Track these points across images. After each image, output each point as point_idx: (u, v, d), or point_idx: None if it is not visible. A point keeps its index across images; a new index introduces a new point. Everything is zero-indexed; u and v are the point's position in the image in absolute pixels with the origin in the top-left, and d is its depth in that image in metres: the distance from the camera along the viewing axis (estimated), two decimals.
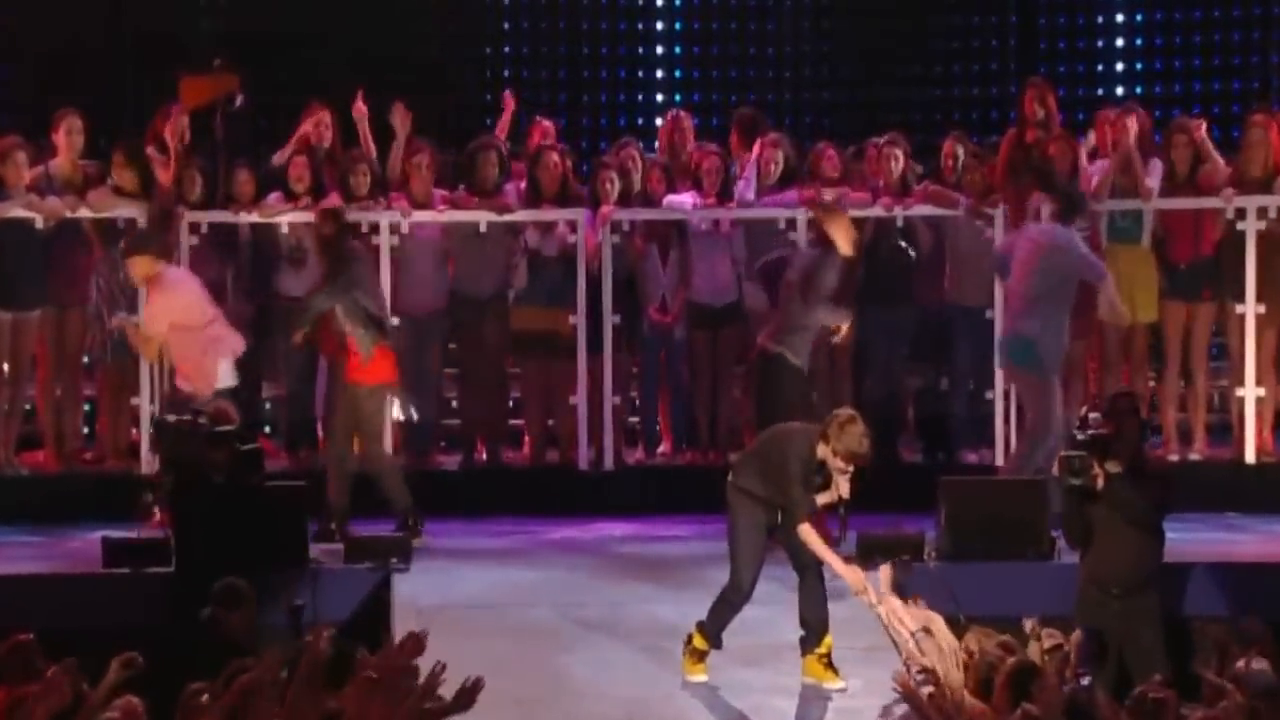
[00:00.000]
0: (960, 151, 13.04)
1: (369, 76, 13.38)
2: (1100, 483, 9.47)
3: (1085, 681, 8.29)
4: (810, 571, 9.72)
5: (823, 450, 9.49)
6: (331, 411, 12.05)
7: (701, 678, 9.74)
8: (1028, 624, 9.52)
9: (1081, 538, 9.72)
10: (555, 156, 13.04)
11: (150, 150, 12.71)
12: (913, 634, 8.97)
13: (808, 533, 9.55)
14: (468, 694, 7.31)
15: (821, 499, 9.61)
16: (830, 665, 9.73)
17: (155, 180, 12.57)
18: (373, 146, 13.03)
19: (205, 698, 7.42)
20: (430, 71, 15.52)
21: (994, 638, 8.88)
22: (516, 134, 13.53)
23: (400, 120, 12.90)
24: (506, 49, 16.34)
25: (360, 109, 12.94)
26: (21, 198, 12.42)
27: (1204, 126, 13.04)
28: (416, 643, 7.47)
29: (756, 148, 13.02)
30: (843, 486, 9.53)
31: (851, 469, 9.48)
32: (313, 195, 12.75)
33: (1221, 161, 12.77)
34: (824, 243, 11.63)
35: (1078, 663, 8.97)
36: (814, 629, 9.76)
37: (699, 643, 9.78)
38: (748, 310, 13.06)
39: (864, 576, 9.53)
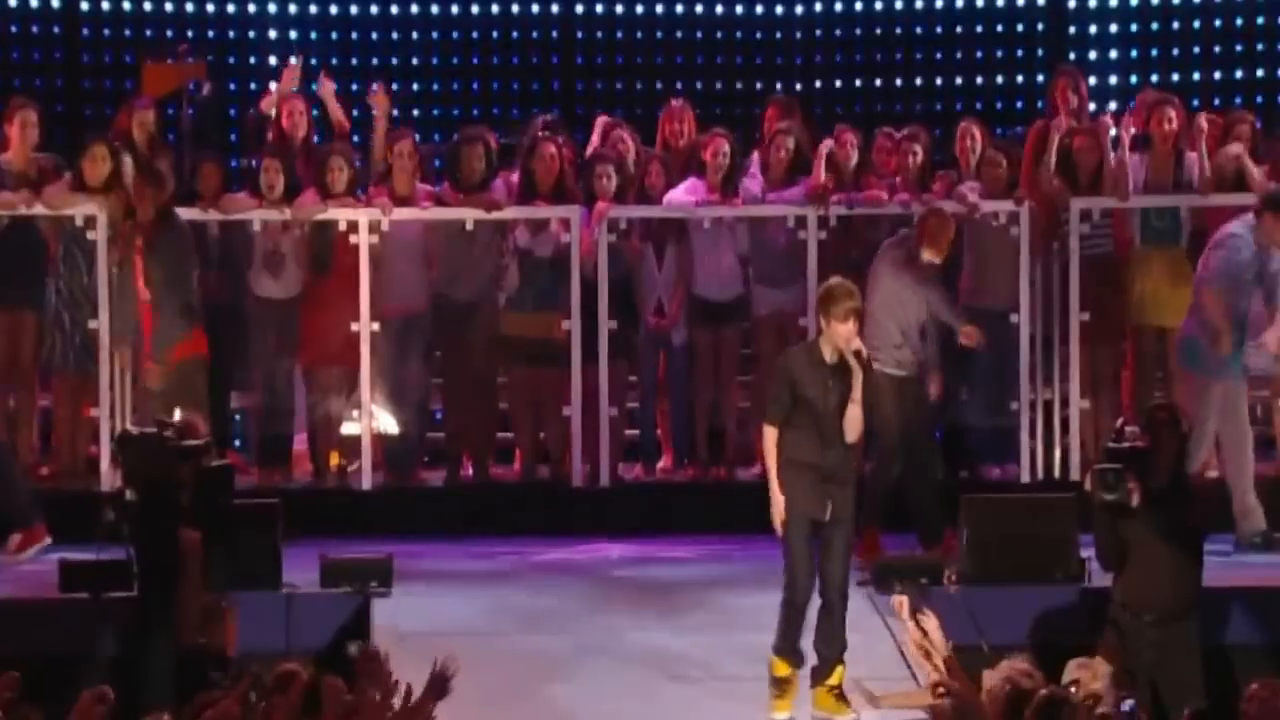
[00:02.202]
0: (977, 133, 13.09)
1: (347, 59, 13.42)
2: (1136, 499, 9.50)
3: (1127, 706, 8.30)
4: (833, 596, 9.78)
5: (826, 331, 9.69)
6: None
7: (784, 715, 9.73)
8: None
9: (1115, 559, 9.74)
10: (553, 148, 13.03)
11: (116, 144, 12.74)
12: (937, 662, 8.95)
13: (765, 436, 9.85)
14: (439, 680, 7.39)
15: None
16: (841, 697, 9.77)
17: (123, 178, 12.58)
18: (345, 122, 13.03)
19: None
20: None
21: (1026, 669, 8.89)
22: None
23: (379, 104, 12.93)
24: (494, 34, 16.40)
25: (326, 86, 12.94)
26: None
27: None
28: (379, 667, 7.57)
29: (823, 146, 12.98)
30: (854, 343, 9.71)
31: (848, 322, 9.65)
32: (287, 196, 12.77)
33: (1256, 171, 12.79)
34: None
35: (1116, 688, 9.00)
36: (826, 659, 9.80)
37: (779, 669, 9.76)
38: (753, 310, 13.08)
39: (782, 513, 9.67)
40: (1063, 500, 11.33)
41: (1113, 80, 16.20)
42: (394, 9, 16.17)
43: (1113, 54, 16.35)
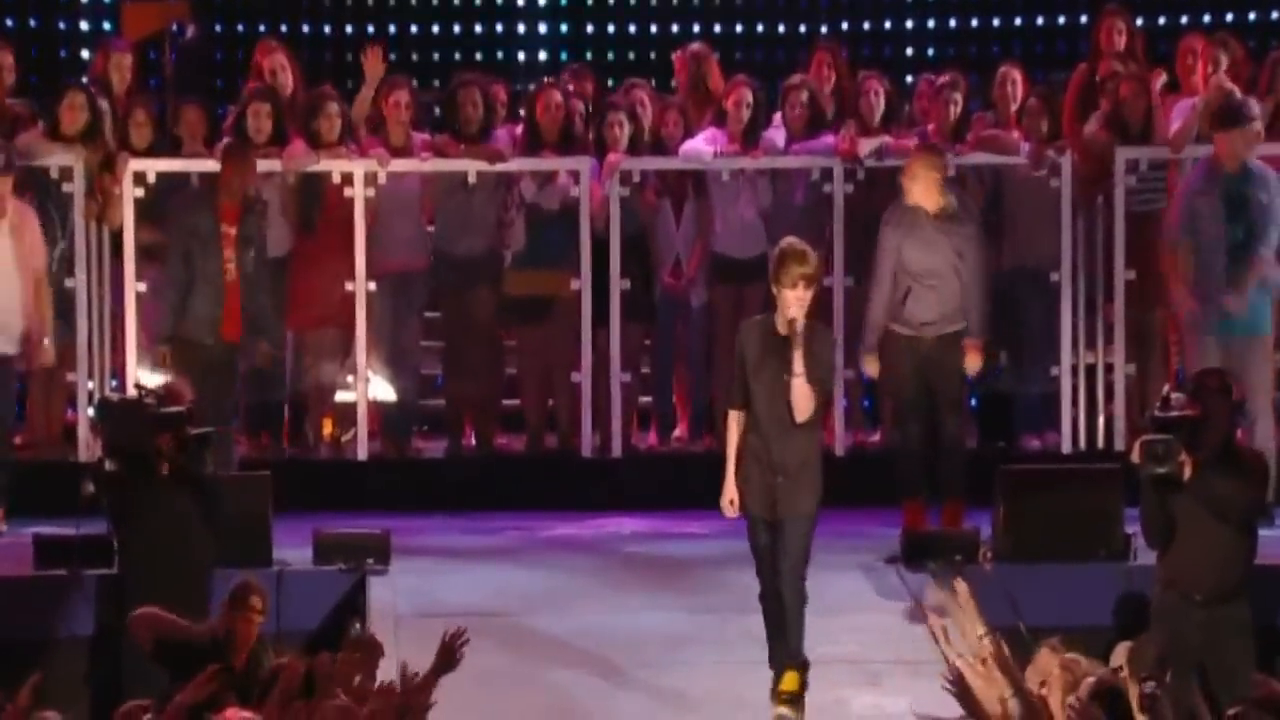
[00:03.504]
0: (1018, 78, 12.96)
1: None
2: (1187, 472, 9.42)
3: (1148, 689, 8.22)
4: (784, 596, 9.44)
5: (777, 299, 9.33)
6: None
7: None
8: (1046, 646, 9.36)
9: (1162, 536, 9.66)
10: (558, 95, 12.97)
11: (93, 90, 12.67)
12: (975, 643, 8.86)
13: (728, 421, 9.61)
14: (447, 652, 7.54)
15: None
16: (792, 703, 9.40)
17: (101, 127, 12.50)
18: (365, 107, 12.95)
19: (147, 717, 7.50)
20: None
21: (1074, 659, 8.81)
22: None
23: (372, 67, 12.79)
24: None
25: (375, 65, 12.82)
26: None
27: None
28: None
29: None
30: (791, 309, 9.29)
31: (797, 289, 9.27)
32: (274, 144, 12.66)
33: None
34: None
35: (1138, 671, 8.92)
36: (778, 660, 9.49)
37: (786, 683, 9.42)
38: None
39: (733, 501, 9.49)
40: (1106, 472, 11.34)
41: (1161, 20, 16.06)
42: None
43: None
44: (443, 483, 12.87)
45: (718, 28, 16.07)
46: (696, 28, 15.70)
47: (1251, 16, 16.08)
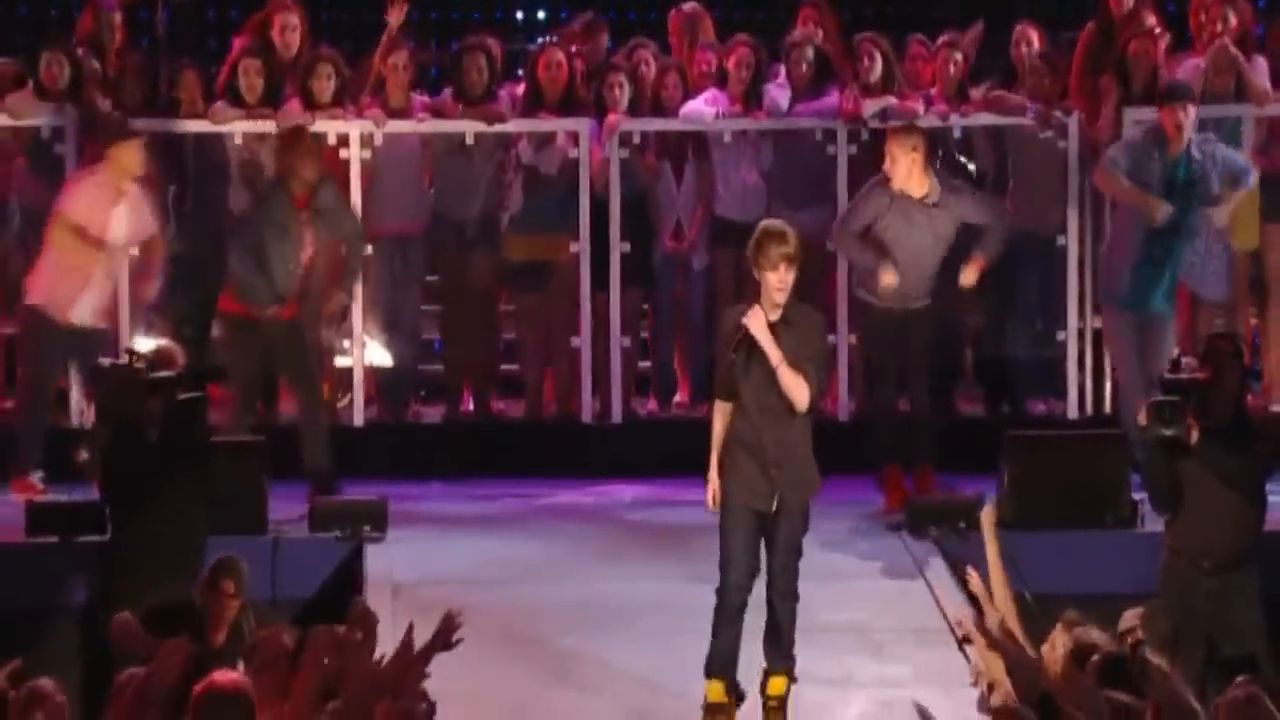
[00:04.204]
0: (1034, 36, 12.95)
1: None
2: (1194, 436, 9.44)
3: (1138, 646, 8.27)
4: (772, 596, 9.18)
5: (761, 283, 9.04)
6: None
7: None
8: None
9: (1170, 500, 9.69)
10: (560, 55, 12.97)
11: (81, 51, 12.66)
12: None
13: (715, 412, 9.28)
14: (444, 633, 7.56)
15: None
16: (779, 711, 9.21)
17: (86, 84, 12.51)
18: (383, 64, 12.92)
19: None
20: None
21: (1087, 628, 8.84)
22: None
23: (396, 15, 12.80)
24: None
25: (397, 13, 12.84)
26: None
27: None
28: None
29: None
30: (775, 293, 8.98)
31: (779, 270, 8.95)
32: (268, 103, 12.65)
33: None
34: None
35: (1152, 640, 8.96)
36: (766, 668, 9.25)
37: (709, 693, 9.15)
38: None
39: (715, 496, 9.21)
40: (1113, 438, 11.37)
41: None
42: None
43: None
44: (441, 449, 12.89)
45: None
46: None
47: None
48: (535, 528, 11.79)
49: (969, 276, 11.76)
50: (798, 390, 8.98)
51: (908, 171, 11.50)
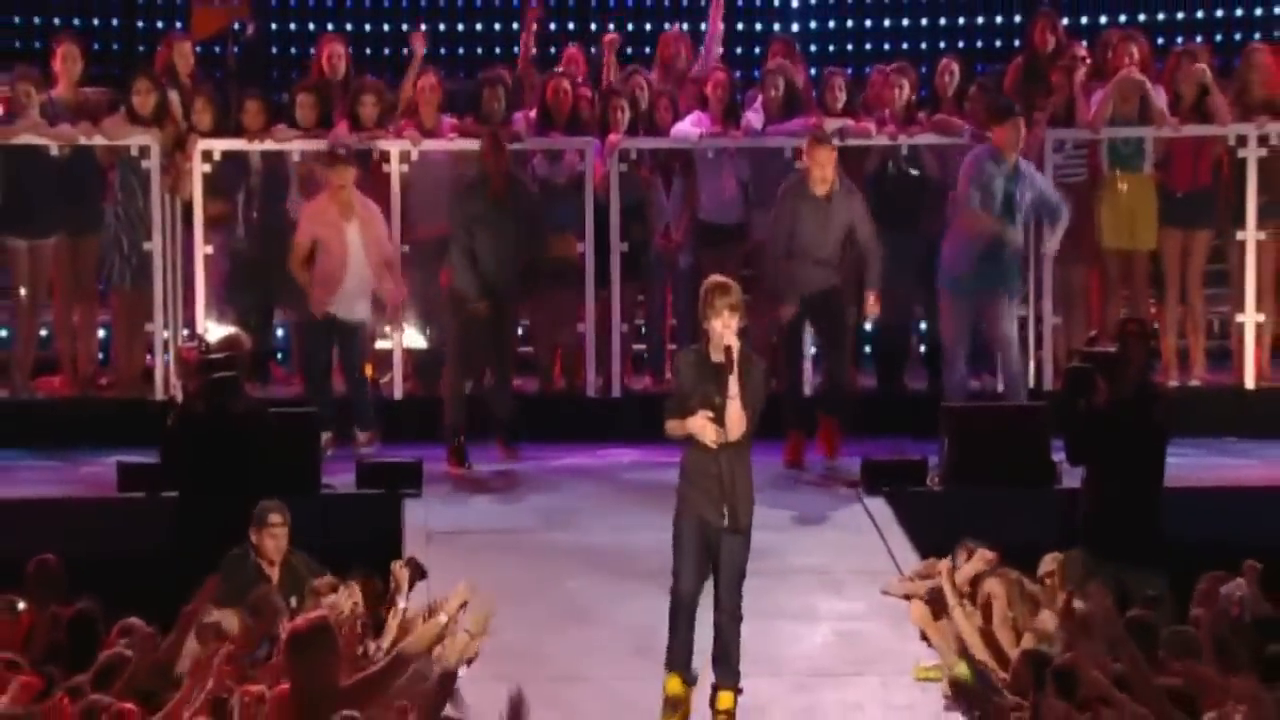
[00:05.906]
0: (955, 69, 12.97)
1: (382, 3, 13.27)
2: (1103, 399, 9.42)
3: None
4: (720, 618, 8.52)
5: (710, 327, 8.46)
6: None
7: None
8: (962, 551, 9.30)
9: (1082, 455, 9.68)
10: (566, 84, 12.96)
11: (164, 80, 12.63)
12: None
13: (670, 429, 8.58)
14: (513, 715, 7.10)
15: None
16: None
17: (169, 109, 12.49)
18: (411, 89, 12.89)
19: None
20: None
21: (1010, 578, 8.84)
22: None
23: (419, 47, 12.78)
24: None
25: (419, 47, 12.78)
26: (32, 122, 12.33)
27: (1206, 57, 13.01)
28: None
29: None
30: (727, 337, 8.41)
31: (723, 317, 8.39)
32: (320, 127, 12.64)
33: (1221, 97, 12.71)
34: None
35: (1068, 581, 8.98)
36: (715, 683, 8.58)
37: (668, 686, 8.52)
38: (752, 234, 12.99)
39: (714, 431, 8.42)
40: (1036, 409, 11.33)
41: (1084, 20, 16.04)
42: None
43: None
44: (468, 418, 12.84)
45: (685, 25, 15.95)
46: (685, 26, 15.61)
47: (1160, 17, 16.11)
48: (548, 485, 11.76)
49: (872, 309, 11.85)
50: (738, 424, 8.41)
51: (823, 173, 11.60)
